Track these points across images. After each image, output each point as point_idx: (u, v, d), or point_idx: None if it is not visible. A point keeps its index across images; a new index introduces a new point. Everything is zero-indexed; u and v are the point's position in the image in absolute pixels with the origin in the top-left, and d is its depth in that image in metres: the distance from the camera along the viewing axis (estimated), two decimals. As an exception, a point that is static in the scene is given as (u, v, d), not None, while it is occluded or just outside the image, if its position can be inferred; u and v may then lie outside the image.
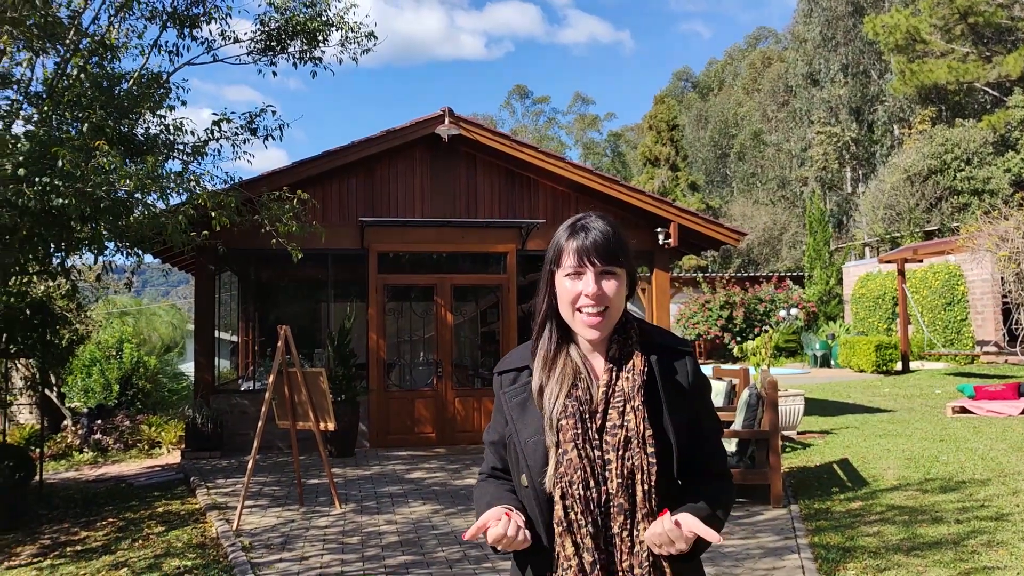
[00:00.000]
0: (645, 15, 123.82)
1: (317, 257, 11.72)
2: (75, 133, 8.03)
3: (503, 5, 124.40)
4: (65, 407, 14.70)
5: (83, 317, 12.75)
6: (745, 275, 29.77)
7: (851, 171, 42.24)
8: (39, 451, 10.39)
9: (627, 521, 1.83)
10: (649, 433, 1.84)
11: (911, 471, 8.60)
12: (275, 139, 10.60)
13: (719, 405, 9.71)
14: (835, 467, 9.12)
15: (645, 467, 1.83)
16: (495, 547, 1.83)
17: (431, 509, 8.00)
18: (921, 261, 21.13)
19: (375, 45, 10.93)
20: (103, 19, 9.66)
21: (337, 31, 10.62)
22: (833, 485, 8.32)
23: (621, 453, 1.84)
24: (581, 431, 1.86)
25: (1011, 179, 26.64)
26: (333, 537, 7.03)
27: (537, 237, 12.36)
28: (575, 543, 1.83)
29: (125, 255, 9.33)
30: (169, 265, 14.60)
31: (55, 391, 14.41)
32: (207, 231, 9.16)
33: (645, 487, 1.82)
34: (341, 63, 10.92)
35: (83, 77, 8.81)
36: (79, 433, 13.74)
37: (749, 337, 24.70)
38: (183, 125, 9.84)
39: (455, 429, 12.12)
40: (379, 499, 8.51)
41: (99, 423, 13.93)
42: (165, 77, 9.88)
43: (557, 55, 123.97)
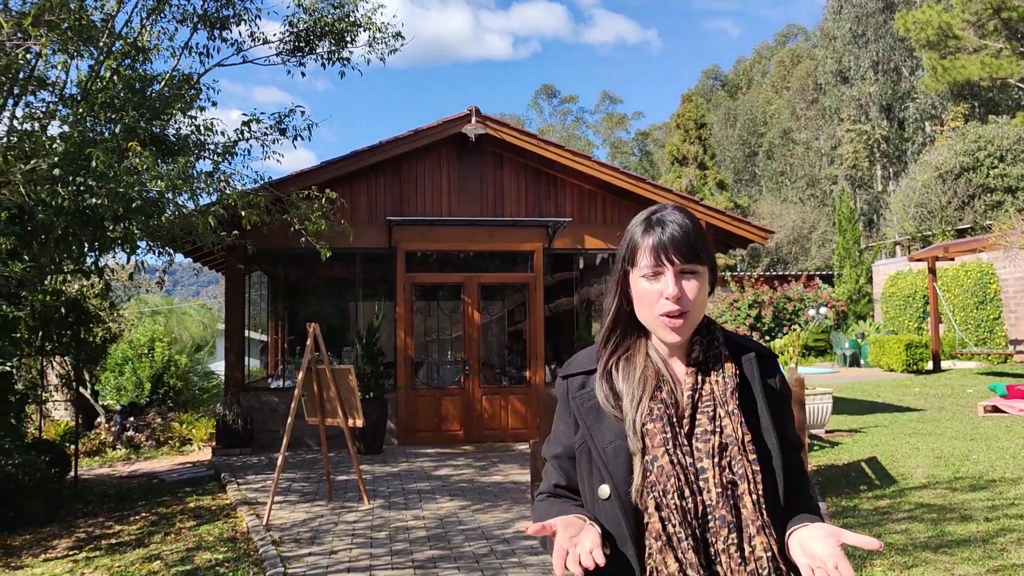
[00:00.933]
0: (672, 14, 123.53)
1: (345, 256, 11.83)
2: (108, 134, 8.18)
3: (529, 5, 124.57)
4: (98, 405, 14.92)
5: (116, 316, 12.96)
6: (774, 274, 29.58)
7: (881, 169, 41.84)
8: (74, 447, 10.57)
9: (732, 535, 1.63)
10: (748, 439, 1.69)
11: (940, 469, 8.53)
12: (304, 139, 10.72)
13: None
14: (863, 465, 9.06)
15: (750, 475, 1.66)
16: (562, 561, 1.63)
17: (458, 505, 8.06)
18: (952, 259, 20.88)
19: (402, 45, 11.02)
20: (135, 22, 9.84)
21: (365, 31, 10.72)
22: (861, 483, 8.27)
23: (717, 461, 1.68)
24: (671, 436, 1.69)
25: (1045, 176, 26.24)
26: (361, 532, 7.11)
27: (564, 236, 12.39)
28: (678, 559, 1.63)
29: (157, 254, 9.50)
30: (200, 264, 14.81)
31: (89, 389, 14.63)
32: (237, 231, 9.28)
33: (754, 497, 1.65)
34: (369, 63, 11.07)
35: (116, 79, 8.96)
36: (112, 430, 13.95)
37: (778, 336, 24.56)
38: (213, 126, 9.98)
39: (482, 427, 12.18)
40: (407, 495, 8.58)
41: (131, 420, 14.13)
42: (196, 78, 10.02)
43: (584, 55, 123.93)
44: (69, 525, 8.14)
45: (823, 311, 25.43)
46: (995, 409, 12.29)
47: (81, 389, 13.72)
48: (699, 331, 1.81)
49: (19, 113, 8.55)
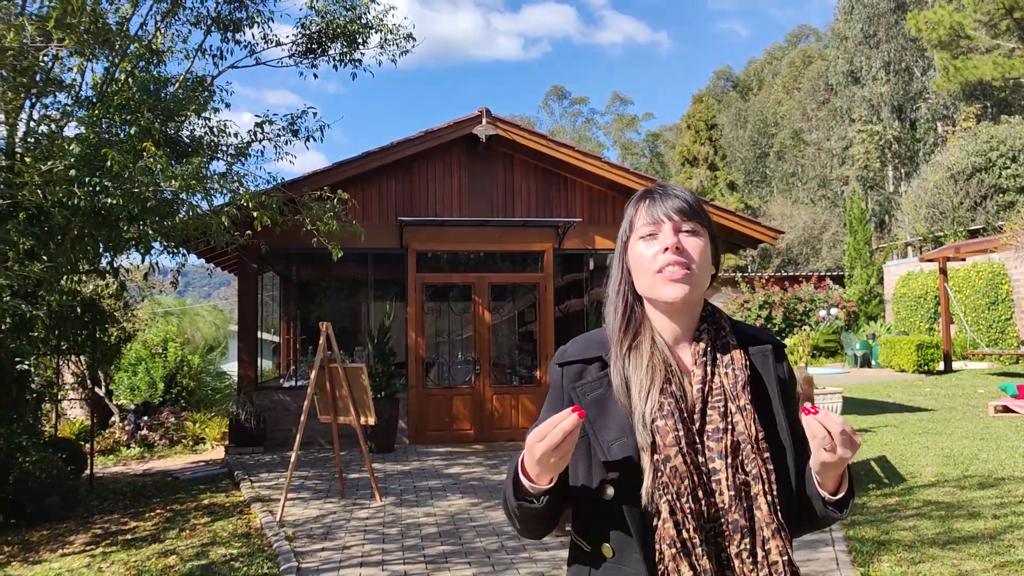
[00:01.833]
0: (681, 15, 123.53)
1: (357, 257, 11.92)
2: (123, 136, 8.29)
3: (538, 7, 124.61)
4: (112, 404, 15.05)
5: (130, 316, 13.09)
6: (785, 275, 29.54)
7: (893, 170, 41.72)
8: (89, 446, 10.70)
9: (745, 540, 1.55)
10: (762, 436, 1.59)
11: (949, 468, 8.55)
12: (316, 140, 10.82)
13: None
14: (872, 464, 9.09)
15: (765, 475, 1.57)
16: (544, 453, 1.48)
17: (469, 502, 8.13)
18: (963, 260, 20.85)
19: (413, 47, 11.11)
20: (150, 24, 9.95)
21: (376, 33, 10.81)
22: (870, 481, 8.30)
23: (730, 461, 1.57)
24: (683, 433, 1.57)
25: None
26: (373, 528, 7.19)
27: (574, 236, 12.46)
28: (693, 567, 1.52)
29: (170, 255, 9.61)
30: (212, 265, 14.93)
31: (103, 388, 14.76)
32: (250, 231, 9.38)
33: (769, 498, 1.56)
34: (380, 65, 11.13)
35: (131, 81, 9.08)
36: (126, 429, 14.08)
37: (788, 336, 24.53)
38: (226, 127, 10.09)
39: (493, 426, 12.25)
40: (418, 493, 8.66)
41: (145, 420, 14.26)
42: (210, 80, 10.13)
43: (594, 56, 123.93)
44: (85, 521, 8.25)
45: (834, 312, 25.36)
46: (1006, 409, 12.29)
47: (96, 388, 13.86)
48: (704, 319, 1.71)
49: (35, 115, 8.69)
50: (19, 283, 7.24)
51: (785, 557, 1.54)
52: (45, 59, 8.23)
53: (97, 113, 8.50)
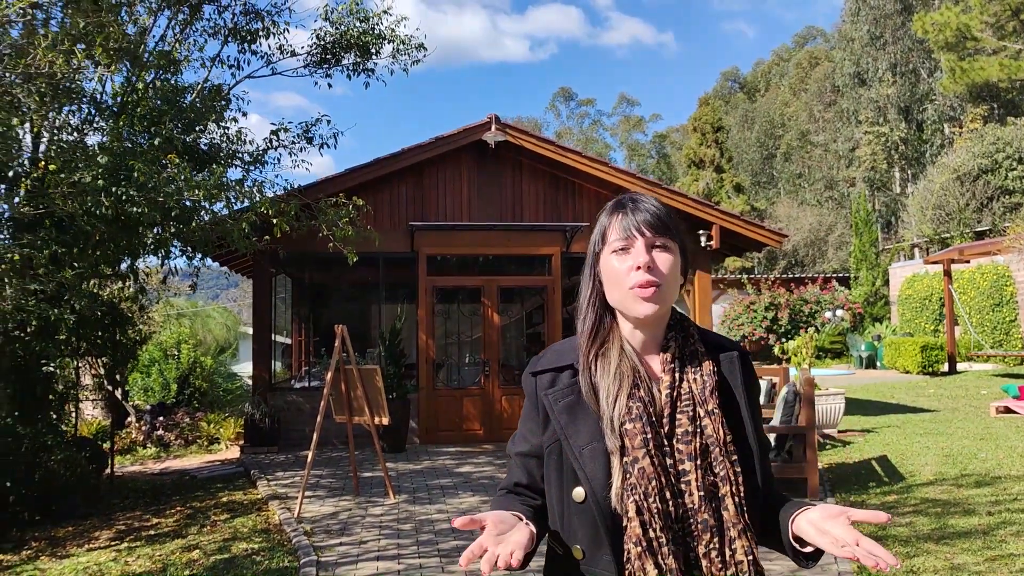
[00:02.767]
0: (687, 16, 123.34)
1: (368, 260, 12.17)
2: (146, 145, 8.56)
3: (545, 8, 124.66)
4: (128, 404, 15.34)
5: (145, 318, 13.38)
6: (791, 276, 29.71)
7: (900, 171, 41.86)
8: (109, 445, 10.97)
9: (714, 539, 1.59)
10: (730, 439, 1.65)
11: (948, 467, 8.77)
12: (330, 147, 11.08)
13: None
14: (873, 463, 9.31)
15: (732, 477, 1.61)
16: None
17: (480, 500, 8.38)
18: (968, 262, 21.01)
19: (424, 56, 11.35)
20: (168, 35, 10.22)
21: (389, 43, 11.05)
22: (870, 480, 8.52)
23: (699, 463, 1.62)
24: (651, 436, 1.62)
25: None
26: (388, 524, 7.44)
27: (581, 240, 12.69)
28: (658, 565, 1.57)
29: (188, 259, 9.88)
30: (227, 268, 15.21)
31: (120, 389, 15.06)
32: (268, 236, 9.65)
33: (736, 499, 1.61)
34: (392, 74, 11.36)
35: (151, 92, 9.34)
36: (142, 429, 14.36)
37: (793, 338, 24.70)
38: (243, 135, 10.35)
39: (502, 426, 12.50)
40: (430, 491, 8.92)
41: (161, 420, 14.54)
42: (227, 90, 10.39)
43: (600, 57, 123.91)
44: (108, 518, 8.51)
45: (839, 313, 25.54)
46: (1007, 410, 12.48)
47: (113, 389, 14.14)
48: (672, 327, 1.77)
49: (58, 123, 8.96)
50: (51, 288, 7.51)
51: (750, 556, 1.59)
52: (67, 70, 8.49)
53: (121, 123, 8.77)
